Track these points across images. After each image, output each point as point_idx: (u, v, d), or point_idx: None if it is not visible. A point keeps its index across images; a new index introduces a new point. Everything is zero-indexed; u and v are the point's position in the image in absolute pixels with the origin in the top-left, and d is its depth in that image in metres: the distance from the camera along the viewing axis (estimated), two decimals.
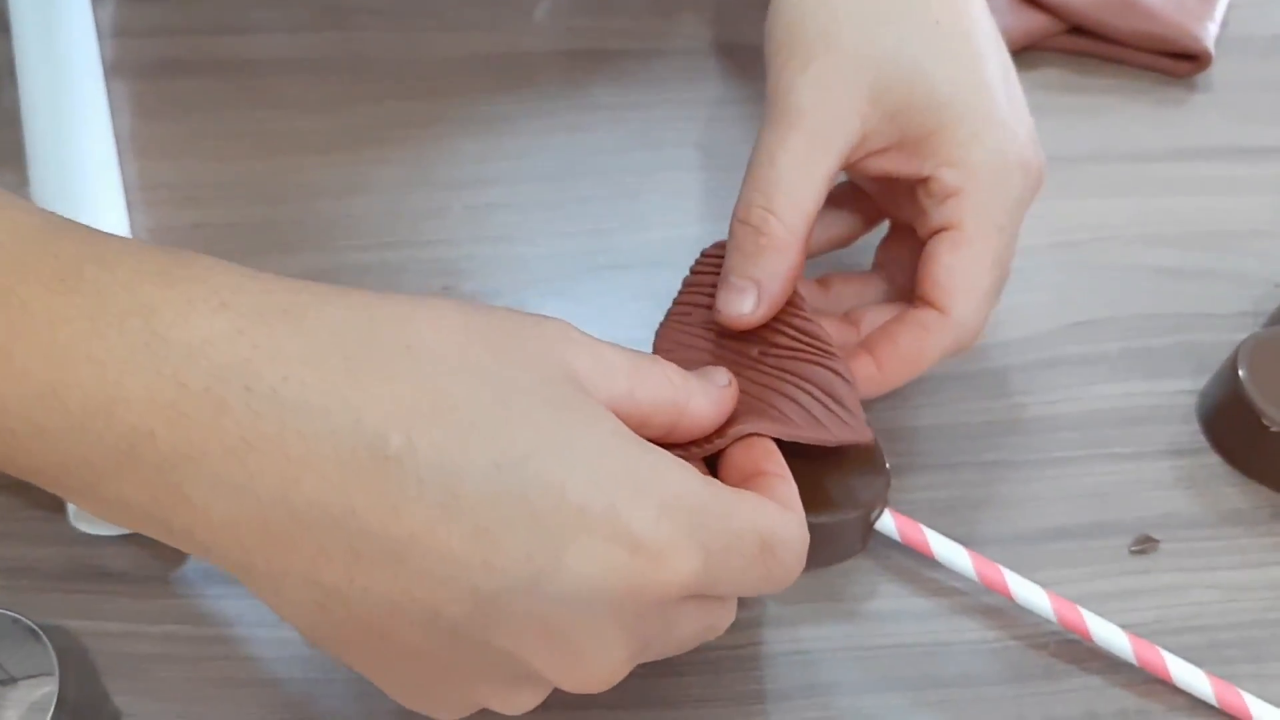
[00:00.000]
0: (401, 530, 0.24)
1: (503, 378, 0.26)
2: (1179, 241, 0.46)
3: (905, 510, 0.37)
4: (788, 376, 0.34)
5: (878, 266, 0.40)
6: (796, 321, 0.35)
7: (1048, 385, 0.42)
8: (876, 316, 0.37)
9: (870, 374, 0.35)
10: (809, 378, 0.34)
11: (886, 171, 0.36)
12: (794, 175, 0.34)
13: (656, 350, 0.36)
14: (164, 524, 0.25)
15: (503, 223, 0.46)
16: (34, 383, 0.23)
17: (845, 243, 0.41)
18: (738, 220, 0.35)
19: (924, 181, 0.35)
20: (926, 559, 0.36)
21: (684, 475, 0.27)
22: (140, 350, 0.23)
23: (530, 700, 0.28)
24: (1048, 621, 0.36)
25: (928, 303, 0.35)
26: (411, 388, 0.24)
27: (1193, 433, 0.41)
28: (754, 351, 0.35)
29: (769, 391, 0.34)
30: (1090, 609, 0.35)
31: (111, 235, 0.26)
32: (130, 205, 0.46)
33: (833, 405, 0.33)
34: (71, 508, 0.37)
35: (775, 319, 0.35)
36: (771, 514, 0.28)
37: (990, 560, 0.36)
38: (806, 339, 0.35)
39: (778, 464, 0.31)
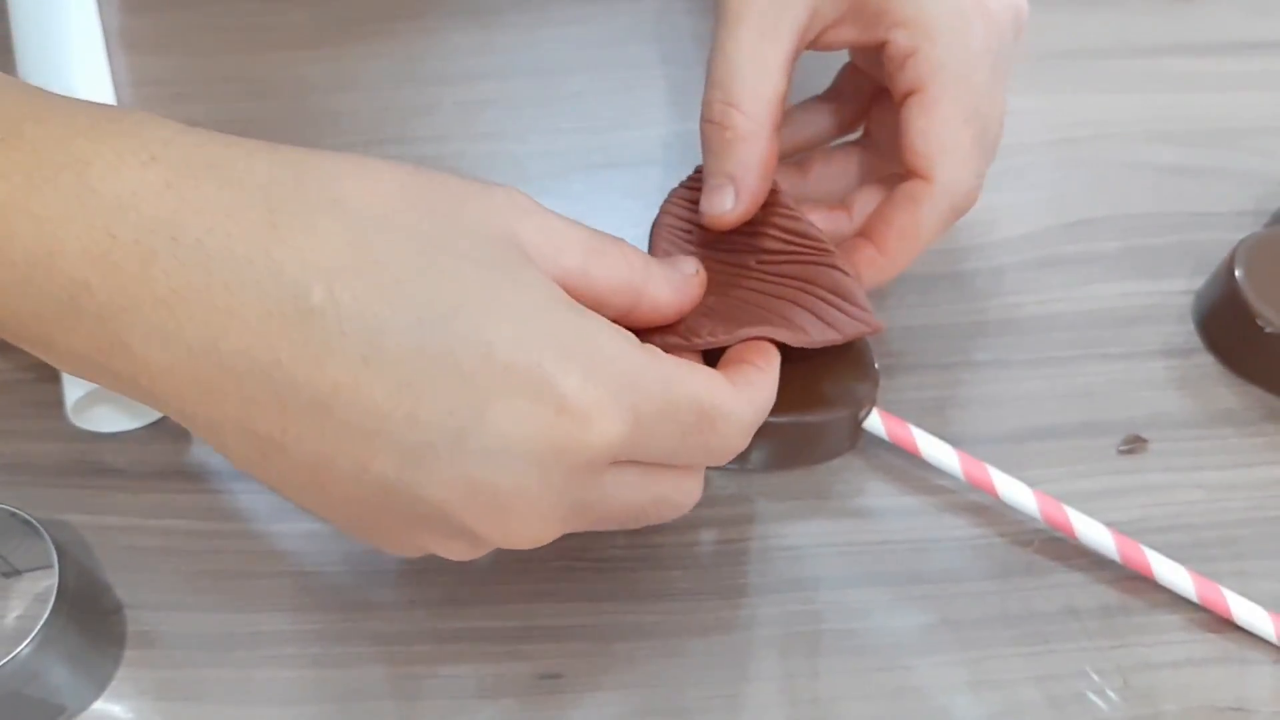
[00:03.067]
0: (325, 381, 0.24)
1: (432, 236, 0.25)
2: (1183, 139, 0.45)
3: (896, 409, 0.37)
4: (790, 281, 0.34)
5: (866, 135, 0.39)
6: (784, 223, 0.35)
7: (1043, 285, 0.42)
8: (868, 199, 0.37)
9: (872, 259, 0.34)
10: (812, 279, 0.34)
11: (847, 43, 0.35)
12: (748, 66, 0.33)
13: None
14: (113, 373, 0.25)
15: (494, 119, 0.46)
16: None
17: (852, 126, 0.40)
18: (703, 121, 0.34)
19: (883, 47, 0.34)
20: (914, 458, 0.36)
21: (618, 340, 0.27)
22: (74, 203, 0.24)
23: (469, 551, 0.28)
24: (1033, 519, 0.36)
25: (913, 173, 0.34)
26: (335, 241, 0.24)
27: (1188, 333, 0.41)
28: (751, 261, 0.35)
29: (775, 300, 0.33)
30: (1076, 507, 0.36)
31: (50, 93, 0.26)
32: (118, 101, 0.46)
33: (839, 302, 0.33)
34: (68, 405, 0.37)
35: (762, 224, 0.35)
36: (716, 388, 0.28)
37: (977, 459, 0.36)
38: (799, 239, 0.34)
39: (764, 358, 0.31)
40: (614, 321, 0.28)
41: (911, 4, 0.33)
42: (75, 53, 0.46)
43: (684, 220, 0.37)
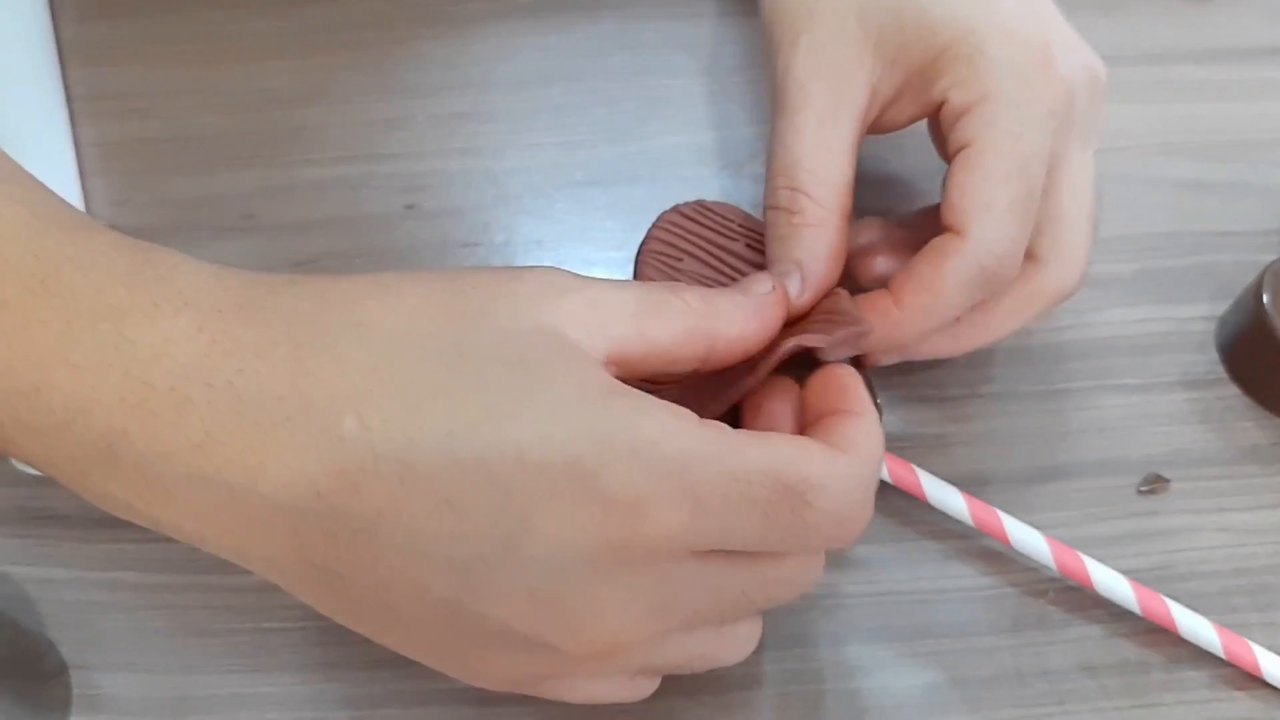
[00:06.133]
0: (365, 507, 0.24)
1: (457, 345, 0.25)
2: (1202, 152, 0.43)
3: (899, 447, 0.35)
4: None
5: None
6: None
7: (1054, 310, 0.39)
8: None
9: (886, 309, 0.32)
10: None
11: (908, 118, 0.34)
12: (812, 152, 0.33)
13: None
14: (153, 519, 0.25)
15: (470, 134, 0.43)
16: (18, 380, 0.24)
17: None
18: (768, 208, 0.33)
19: (939, 109, 0.33)
20: (919, 501, 0.34)
21: (665, 420, 0.25)
22: (111, 353, 0.24)
23: (554, 665, 0.26)
24: (1047, 567, 0.34)
25: (948, 228, 0.32)
26: (360, 366, 0.25)
27: (1210, 362, 0.39)
28: None
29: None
30: (1092, 554, 0.34)
31: (90, 227, 0.26)
32: (74, 117, 0.44)
33: (829, 315, 0.31)
34: None
35: (758, 251, 0.34)
36: (804, 456, 0.26)
37: (986, 503, 0.34)
38: None
39: (856, 401, 0.28)
40: (696, 370, 0.28)
41: (965, 63, 0.32)
42: (25, 65, 0.43)
43: (675, 248, 0.35)
